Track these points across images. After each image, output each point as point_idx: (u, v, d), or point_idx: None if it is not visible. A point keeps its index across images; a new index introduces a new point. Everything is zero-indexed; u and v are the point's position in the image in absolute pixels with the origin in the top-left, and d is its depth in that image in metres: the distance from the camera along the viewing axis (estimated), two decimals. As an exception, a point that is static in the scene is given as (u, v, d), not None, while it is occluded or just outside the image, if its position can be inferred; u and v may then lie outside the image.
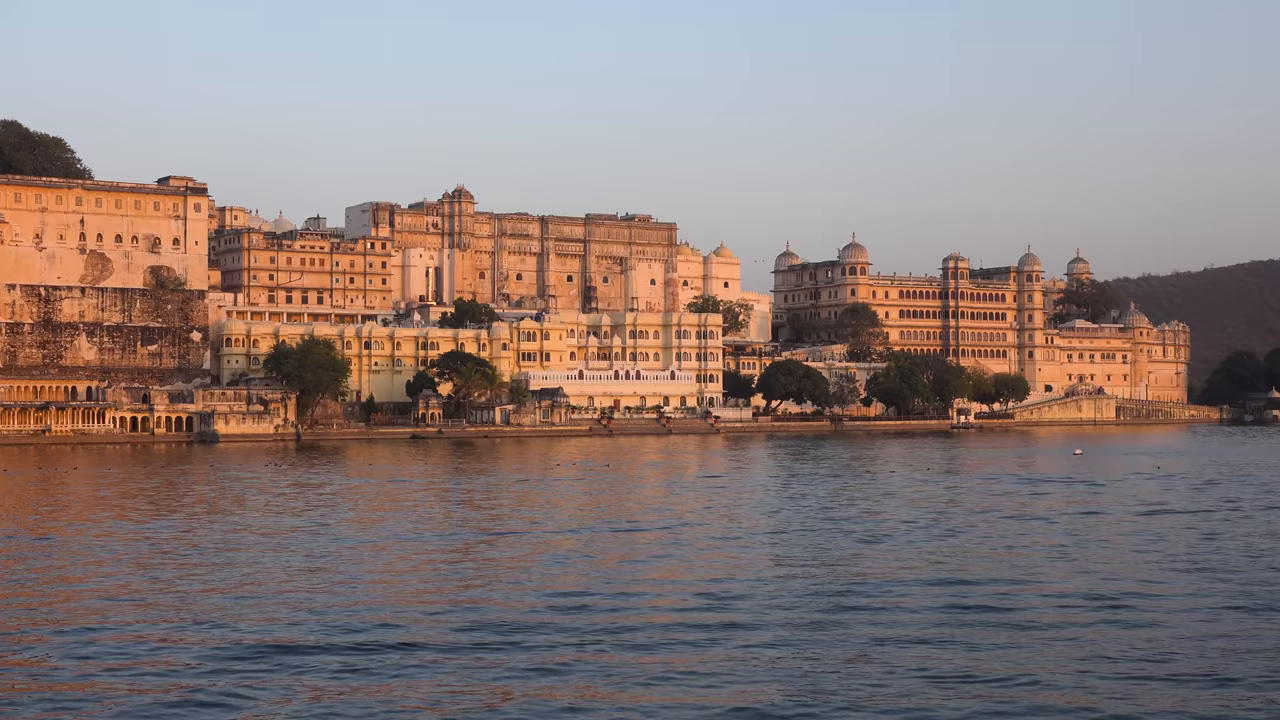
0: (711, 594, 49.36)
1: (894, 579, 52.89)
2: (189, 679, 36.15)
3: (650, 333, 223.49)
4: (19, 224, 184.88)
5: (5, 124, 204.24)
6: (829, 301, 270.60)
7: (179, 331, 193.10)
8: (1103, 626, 43.29)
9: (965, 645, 40.27)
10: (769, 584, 51.85)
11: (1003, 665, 37.51)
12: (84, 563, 58.11)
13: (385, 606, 47.10)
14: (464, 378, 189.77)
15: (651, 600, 48.37)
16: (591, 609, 46.05)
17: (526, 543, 65.02)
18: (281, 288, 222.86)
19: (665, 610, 46.40)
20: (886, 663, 37.98)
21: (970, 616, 44.93)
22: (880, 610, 46.09)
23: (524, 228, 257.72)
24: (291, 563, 57.43)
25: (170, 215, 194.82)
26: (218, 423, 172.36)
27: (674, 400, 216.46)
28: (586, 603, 47.18)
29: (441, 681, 35.96)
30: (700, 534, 68.08)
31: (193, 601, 48.03)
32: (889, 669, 37.23)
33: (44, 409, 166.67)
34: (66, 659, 38.69)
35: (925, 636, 41.58)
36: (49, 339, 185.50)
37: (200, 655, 38.91)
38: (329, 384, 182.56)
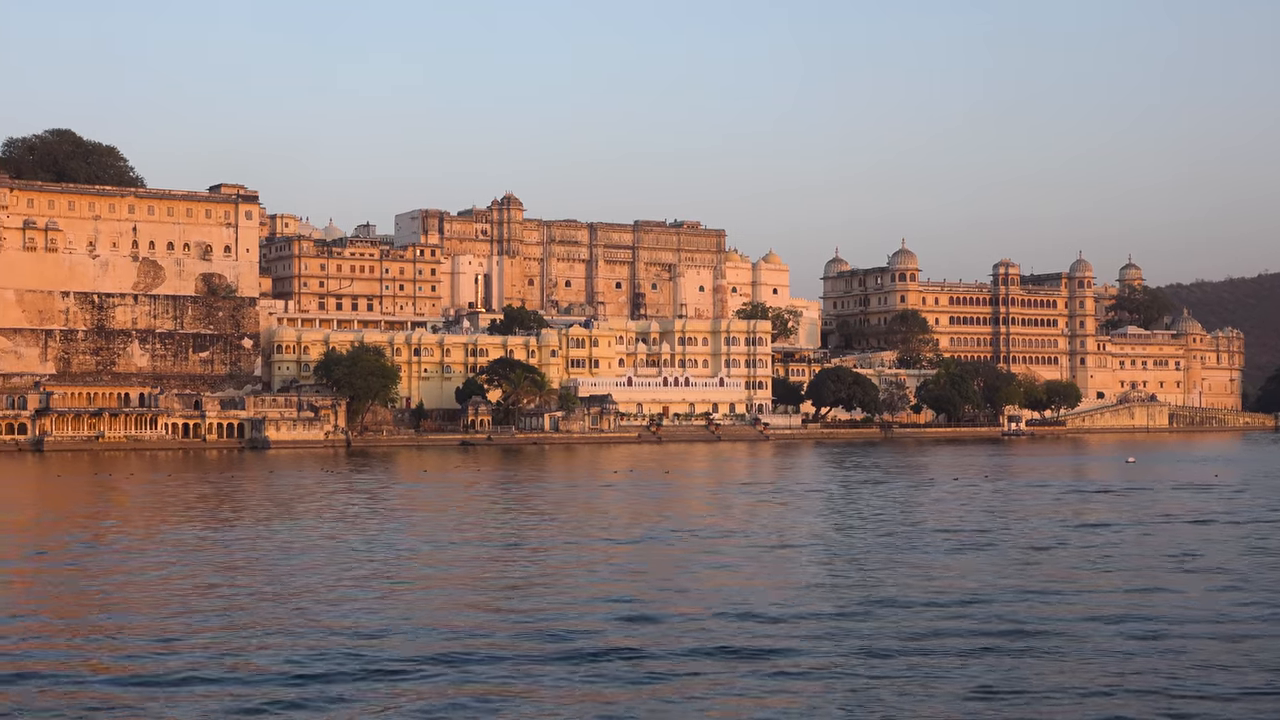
0: (775, 606, 48.88)
1: (972, 592, 52.06)
2: (259, 693, 36.03)
3: (699, 339, 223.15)
4: (73, 232, 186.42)
5: (59, 133, 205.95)
6: (878, 308, 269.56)
7: (230, 338, 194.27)
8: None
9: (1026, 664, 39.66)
10: (827, 597, 51.43)
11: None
12: (153, 570, 58.19)
13: (441, 619, 46.90)
14: (513, 384, 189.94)
15: (715, 612, 47.92)
16: (649, 622, 45.70)
17: (586, 552, 64.78)
18: (332, 295, 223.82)
19: (728, 620, 45.99)
20: (942, 674, 37.50)
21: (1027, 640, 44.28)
22: (940, 621, 45.58)
23: (573, 235, 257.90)
24: (356, 572, 57.10)
25: (222, 223, 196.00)
26: (269, 429, 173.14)
27: (723, 407, 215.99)
28: (641, 615, 46.84)
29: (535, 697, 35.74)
30: (759, 543, 67.61)
31: (263, 613, 47.96)
32: (943, 680, 36.74)
33: (97, 415, 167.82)
34: (142, 670, 38.71)
35: (977, 653, 41.00)
36: (102, 346, 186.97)
37: (269, 670, 38.71)
38: (379, 390, 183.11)
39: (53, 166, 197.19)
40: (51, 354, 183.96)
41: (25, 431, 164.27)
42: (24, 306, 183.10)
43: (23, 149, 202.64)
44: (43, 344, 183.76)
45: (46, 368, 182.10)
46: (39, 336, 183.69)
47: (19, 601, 50.80)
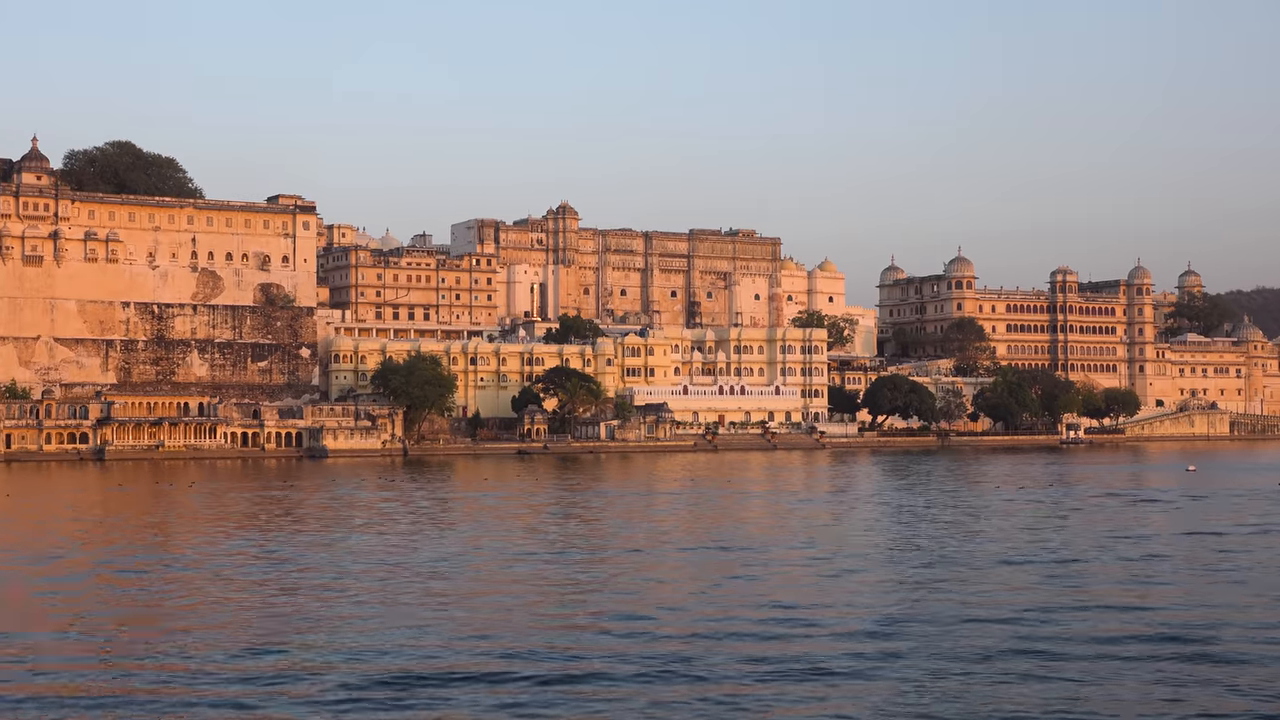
0: (843, 618, 48.62)
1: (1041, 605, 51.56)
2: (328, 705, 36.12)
3: (754, 348, 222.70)
4: (133, 243, 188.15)
5: (119, 145, 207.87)
6: (935, 316, 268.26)
7: (288, 348, 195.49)
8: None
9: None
10: (898, 606, 51.07)
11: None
12: (219, 580, 58.49)
13: (505, 631, 46.92)
14: (569, 393, 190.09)
15: (780, 624, 47.67)
16: (724, 634, 45.52)
17: (653, 562, 64.69)
18: (388, 304, 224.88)
19: (796, 632, 45.76)
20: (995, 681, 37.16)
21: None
22: (1000, 628, 45.18)
23: (628, 243, 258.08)
24: (423, 585, 57.03)
25: (279, 233, 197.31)
26: (326, 438, 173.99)
27: (778, 415, 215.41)
28: (716, 626, 46.67)
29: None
30: (822, 554, 67.27)
31: (332, 625, 48.08)
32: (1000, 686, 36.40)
33: (157, 425, 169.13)
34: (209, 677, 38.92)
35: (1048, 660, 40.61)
36: (162, 356, 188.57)
37: (339, 683, 38.73)
38: (435, 399, 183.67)
39: (113, 178, 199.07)
40: (112, 364, 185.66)
41: (87, 441, 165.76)
42: (85, 317, 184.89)
43: (83, 161, 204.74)
44: (104, 354, 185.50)
45: (107, 377, 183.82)
46: (100, 346, 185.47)
47: (100, 610, 51.23)
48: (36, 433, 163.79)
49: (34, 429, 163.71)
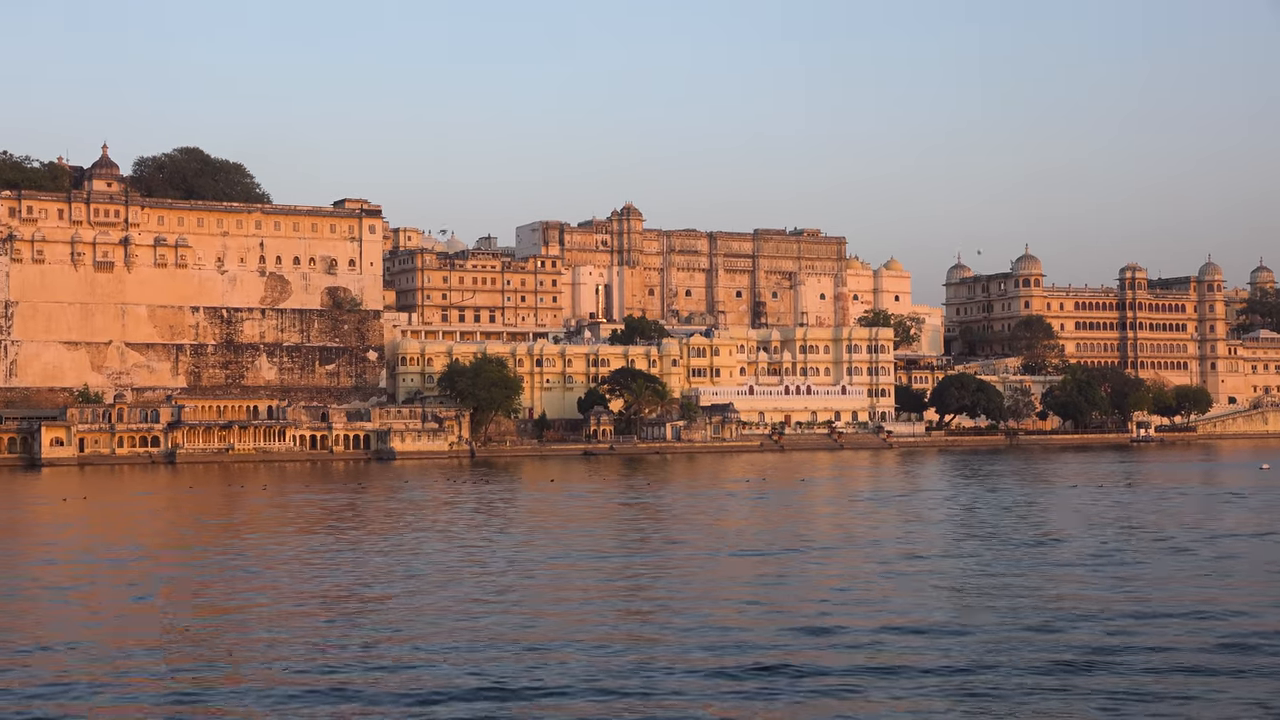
0: (923, 621, 48.21)
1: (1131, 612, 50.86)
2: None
3: (820, 347, 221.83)
4: (202, 248, 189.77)
5: (187, 151, 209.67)
6: (1002, 314, 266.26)
7: (355, 351, 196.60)
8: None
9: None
10: (976, 611, 50.58)
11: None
12: (300, 583, 58.76)
13: (578, 636, 46.82)
14: (635, 394, 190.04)
15: (860, 626, 47.30)
16: (808, 635, 45.25)
17: (727, 563, 64.49)
18: (454, 307, 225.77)
19: (873, 635, 45.41)
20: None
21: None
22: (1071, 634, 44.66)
23: (692, 244, 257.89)
24: (501, 586, 56.98)
25: (346, 237, 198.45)
26: (394, 440, 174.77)
27: (845, 415, 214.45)
28: (799, 629, 46.40)
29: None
30: (898, 553, 66.83)
31: (416, 628, 48.12)
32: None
33: (227, 428, 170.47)
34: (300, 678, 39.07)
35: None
36: (231, 359, 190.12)
37: (423, 688, 38.71)
38: (502, 401, 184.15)
39: (182, 184, 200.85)
40: (182, 368, 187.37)
41: (158, 444, 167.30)
42: (155, 322, 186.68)
43: (152, 168, 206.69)
44: (174, 358, 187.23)
45: (178, 381, 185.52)
46: (170, 351, 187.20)
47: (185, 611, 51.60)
48: (109, 436, 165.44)
49: (107, 433, 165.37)
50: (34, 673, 39.47)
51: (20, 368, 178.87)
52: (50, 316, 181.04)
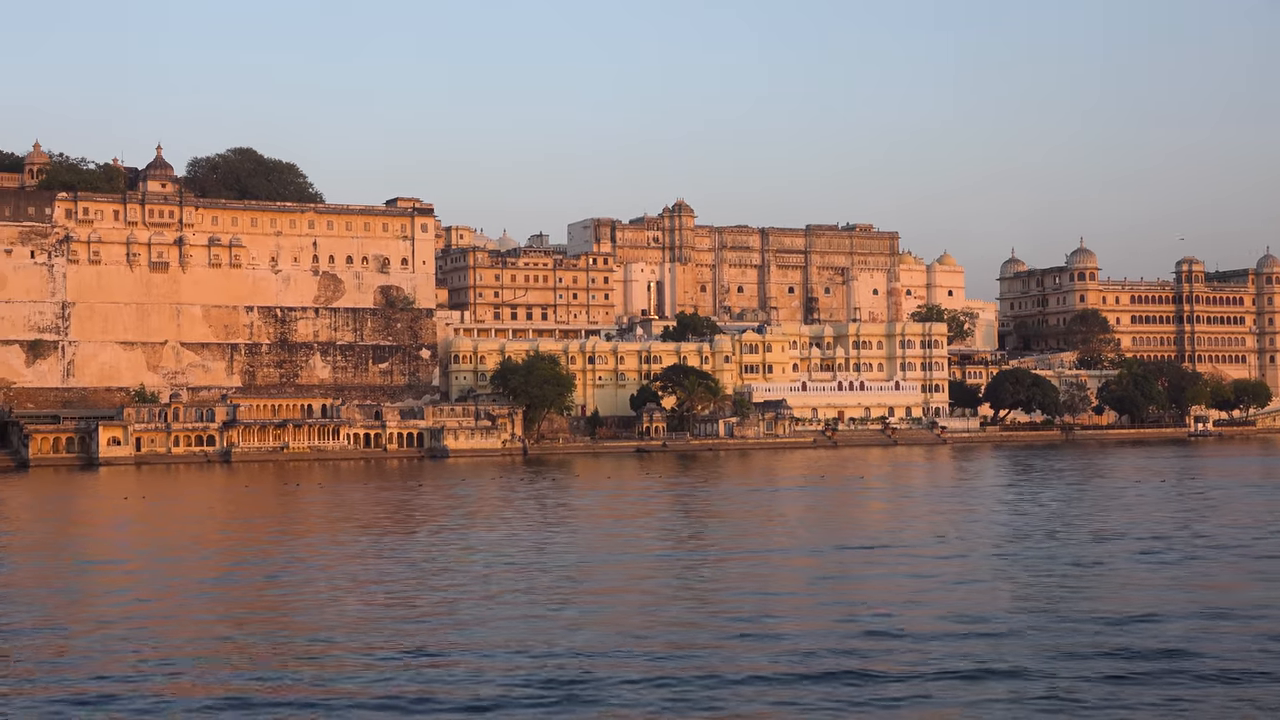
0: (986, 623, 47.72)
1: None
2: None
3: (873, 343, 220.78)
4: (255, 248, 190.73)
5: (241, 151, 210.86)
6: (1057, 308, 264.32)
7: (408, 349, 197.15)
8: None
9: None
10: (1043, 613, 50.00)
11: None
12: (365, 581, 58.81)
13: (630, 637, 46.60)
14: (687, 391, 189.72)
15: (924, 627, 46.78)
16: (876, 637, 44.85)
17: (787, 562, 64.14)
18: (506, 304, 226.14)
19: (940, 638, 44.95)
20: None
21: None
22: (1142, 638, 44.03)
23: (744, 240, 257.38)
24: (563, 584, 56.82)
25: (398, 236, 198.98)
26: (447, 438, 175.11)
27: (899, 411, 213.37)
28: (868, 630, 46.00)
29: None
30: (956, 552, 66.27)
31: (482, 626, 48.03)
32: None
33: (281, 427, 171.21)
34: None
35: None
36: (285, 359, 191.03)
37: (488, 686, 38.55)
38: (554, 399, 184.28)
39: (235, 184, 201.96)
40: (237, 367, 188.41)
41: (214, 443, 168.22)
42: (210, 321, 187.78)
43: (206, 168, 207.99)
44: (229, 357, 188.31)
45: (232, 380, 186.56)
46: (225, 350, 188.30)
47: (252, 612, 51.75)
48: (165, 435, 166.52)
49: (163, 432, 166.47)
50: (97, 670, 39.61)
51: (78, 368, 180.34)
52: (107, 317, 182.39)
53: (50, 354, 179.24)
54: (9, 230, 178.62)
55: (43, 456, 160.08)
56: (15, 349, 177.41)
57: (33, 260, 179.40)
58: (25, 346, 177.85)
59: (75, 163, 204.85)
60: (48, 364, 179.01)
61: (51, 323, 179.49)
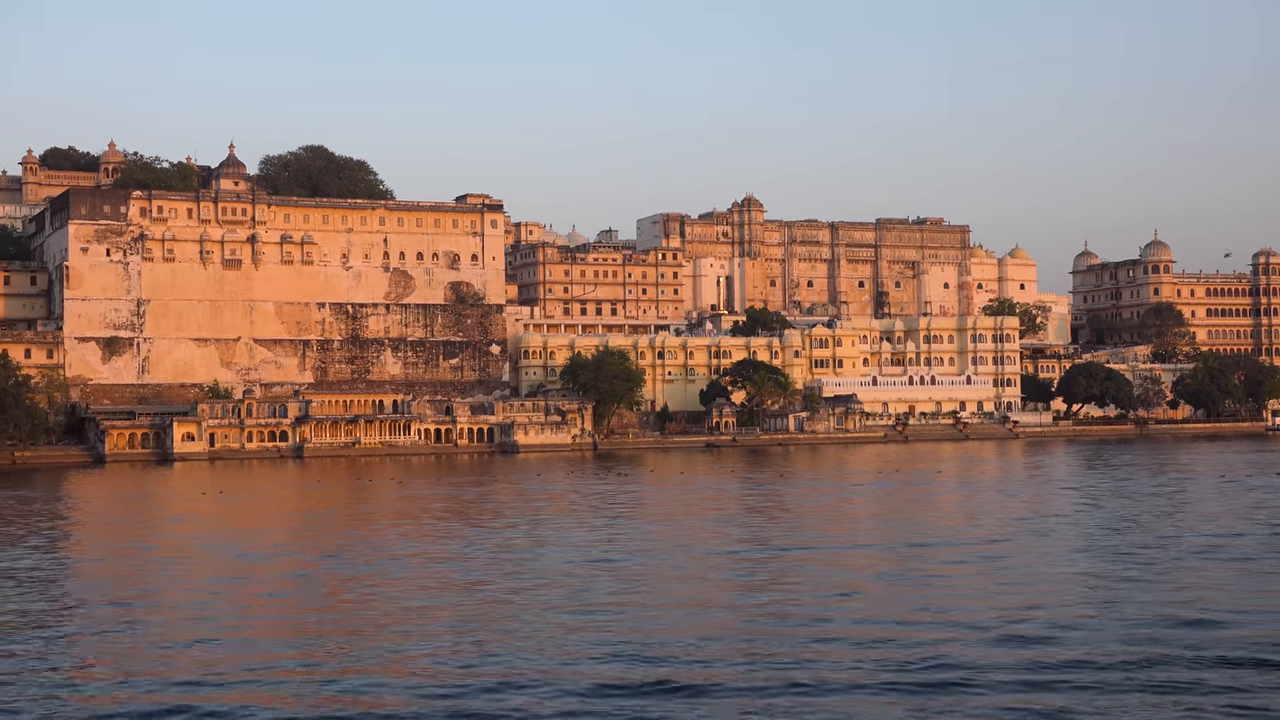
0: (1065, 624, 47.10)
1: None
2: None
3: (944, 337, 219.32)
4: (327, 245, 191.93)
5: (312, 149, 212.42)
6: (1131, 301, 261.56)
7: (478, 345, 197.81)
8: None
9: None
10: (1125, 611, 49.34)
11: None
12: (441, 579, 58.91)
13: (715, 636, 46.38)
14: (757, 386, 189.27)
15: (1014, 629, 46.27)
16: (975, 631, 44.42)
17: (867, 559, 63.74)
18: (576, 300, 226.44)
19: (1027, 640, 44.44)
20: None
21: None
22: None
23: (814, 234, 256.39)
24: (642, 583, 56.57)
25: (468, 232, 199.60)
26: (517, 433, 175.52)
27: (970, 405, 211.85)
28: (966, 628, 45.55)
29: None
30: (1047, 547, 65.56)
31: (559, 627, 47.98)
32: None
33: (353, 422, 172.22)
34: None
35: None
36: (357, 355, 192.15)
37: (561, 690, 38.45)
38: (624, 394, 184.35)
39: (307, 182, 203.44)
40: (309, 363, 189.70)
41: (286, 439, 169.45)
42: (283, 318, 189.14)
43: (278, 166, 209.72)
44: (301, 354, 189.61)
45: (305, 376, 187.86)
46: (297, 347, 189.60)
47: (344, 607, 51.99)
48: (239, 431, 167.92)
49: (236, 428, 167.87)
50: (185, 665, 39.91)
51: (152, 365, 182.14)
52: (181, 314, 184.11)
53: (126, 351, 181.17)
54: (85, 229, 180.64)
55: (118, 452, 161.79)
56: (92, 346, 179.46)
57: (108, 258, 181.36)
58: (101, 344, 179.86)
59: (150, 162, 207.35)
60: (123, 361, 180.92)
61: (127, 320, 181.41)
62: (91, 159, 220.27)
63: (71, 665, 40.29)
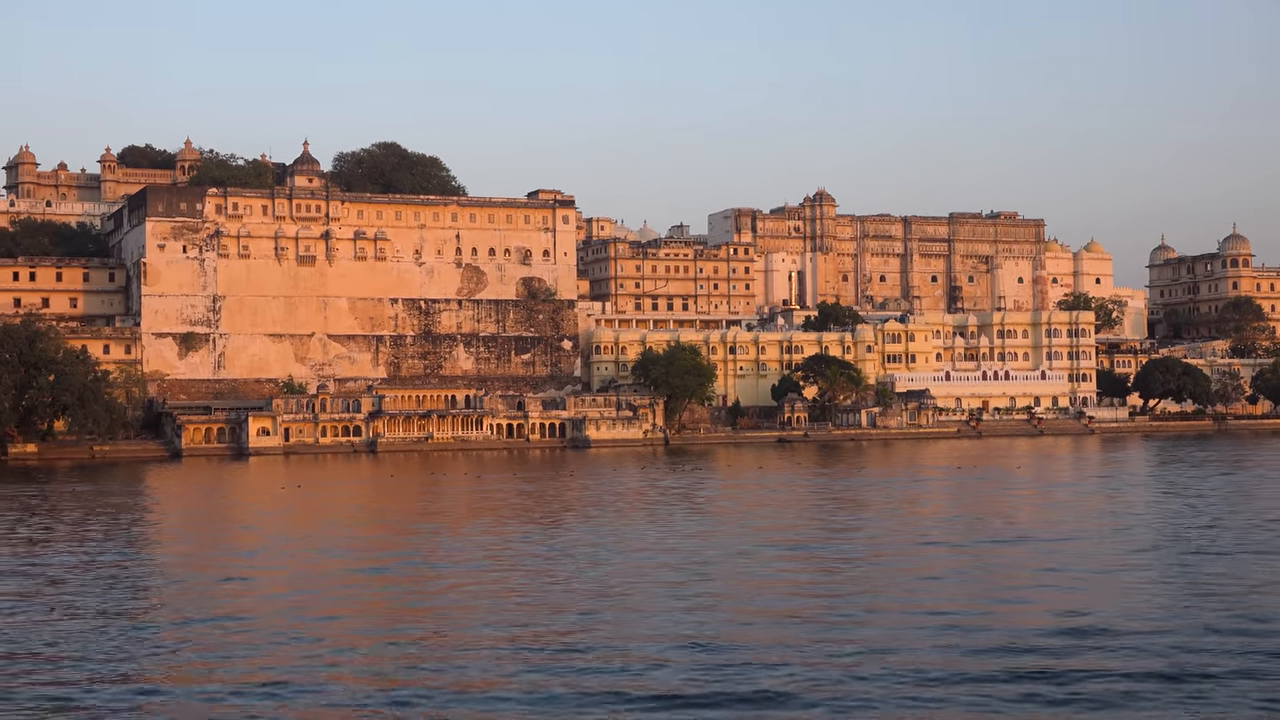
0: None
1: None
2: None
3: (1018, 332, 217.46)
4: (400, 241, 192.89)
5: (385, 146, 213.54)
6: (1208, 295, 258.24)
7: (550, 340, 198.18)
8: None
9: None
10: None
11: None
12: (521, 573, 58.99)
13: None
14: (829, 381, 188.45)
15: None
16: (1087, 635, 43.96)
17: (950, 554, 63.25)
18: (647, 295, 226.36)
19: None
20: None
21: None
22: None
23: (886, 229, 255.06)
24: (725, 580, 56.43)
25: (540, 228, 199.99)
26: (589, 428, 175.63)
27: (1044, 401, 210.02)
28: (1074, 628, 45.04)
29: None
30: (1134, 544, 64.76)
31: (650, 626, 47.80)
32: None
33: (426, 417, 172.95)
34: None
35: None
36: (429, 350, 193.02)
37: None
38: (695, 389, 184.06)
39: (380, 179, 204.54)
40: (382, 359, 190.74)
41: (360, 433, 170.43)
42: (356, 314, 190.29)
43: (352, 163, 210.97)
44: (374, 349, 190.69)
45: (378, 372, 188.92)
46: (370, 342, 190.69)
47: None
48: (313, 426, 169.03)
49: (310, 423, 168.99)
50: (271, 656, 40.15)
51: (228, 360, 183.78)
52: (256, 310, 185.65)
53: (202, 346, 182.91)
54: (162, 226, 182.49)
55: (195, 446, 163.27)
56: (168, 342, 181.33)
57: (185, 255, 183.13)
58: (178, 339, 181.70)
59: (225, 159, 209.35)
60: (199, 356, 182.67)
61: (203, 316, 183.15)
62: (168, 157, 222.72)
63: (163, 658, 40.56)
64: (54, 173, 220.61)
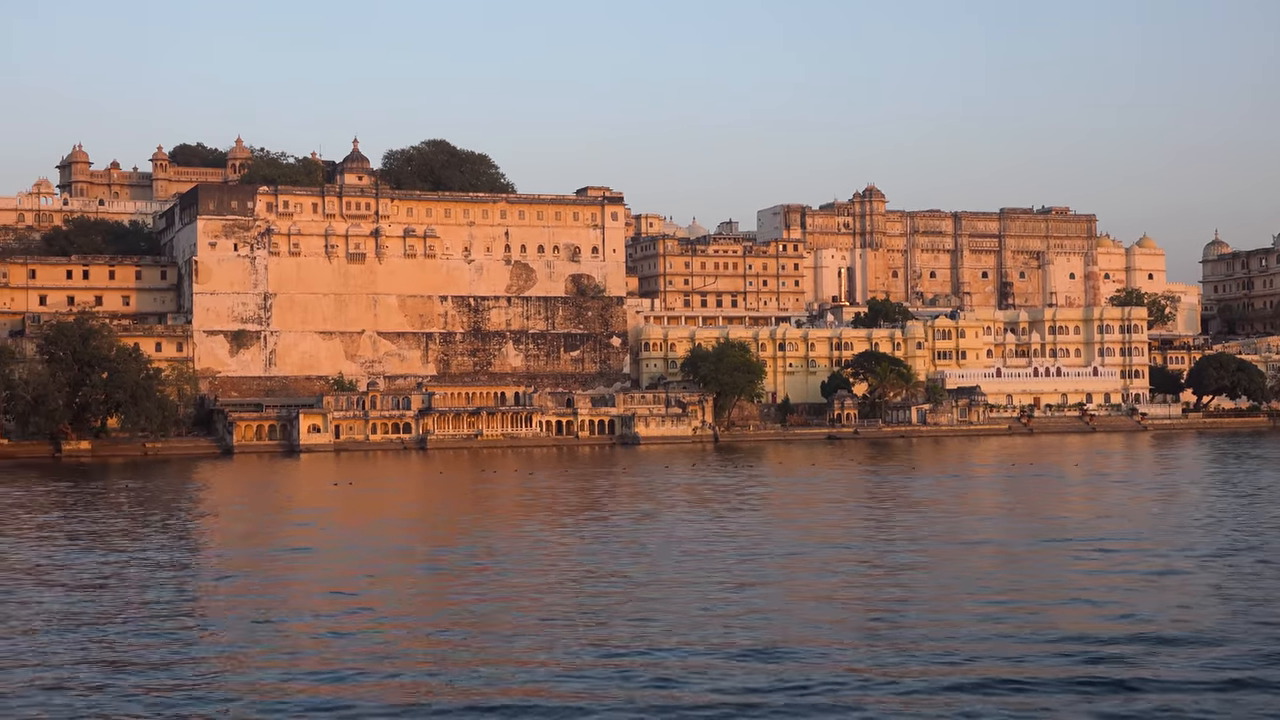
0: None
1: None
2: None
3: (1070, 328, 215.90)
4: (449, 238, 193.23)
5: (435, 143, 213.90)
6: (1264, 291, 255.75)
7: (599, 337, 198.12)
8: None
9: None
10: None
11: None
12: (578, 571, 58.78)
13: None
14: (879, 377, 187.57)
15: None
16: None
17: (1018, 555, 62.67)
18: (696, 292, 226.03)
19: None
20: None
21: None
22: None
23: (936, 225, 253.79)
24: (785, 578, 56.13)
25: (589, 225, 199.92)
26: (638, 425, 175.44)
27: (1096, 397, 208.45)
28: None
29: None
30: (1192, 545, 63.93)
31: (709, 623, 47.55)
32: None
33: (475, 414, 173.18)
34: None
35: None
36: (479, 347, 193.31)
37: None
38: (745, 386, 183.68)
39: (429, 176, 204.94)
40: (432, 356, 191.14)
41: (409, 430, 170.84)
42: (406, 311, 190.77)
43: (401, 160, 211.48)
44: (424, 346, 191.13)
45: (428, 369, 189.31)
46: (420, 339, 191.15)
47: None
48: (363, 423, 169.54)
49: (360, 420, 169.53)
50: (319, 655, 40.10)
51: (279, 357, 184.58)
52: (306, 308, 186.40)
53: (253, 344, 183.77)
54: (213, 224, 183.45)
55: (246, 443, 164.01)
56: (220, 339, 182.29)
57: (235, 253, 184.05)
58: (229, 337, 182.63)
59: (275, 157, 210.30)
60: (250, 353, 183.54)
61: (254, 313, 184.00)
62: (219, 155, 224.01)
63: (226, 655, 40.55)
64: (106, 171, 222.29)
